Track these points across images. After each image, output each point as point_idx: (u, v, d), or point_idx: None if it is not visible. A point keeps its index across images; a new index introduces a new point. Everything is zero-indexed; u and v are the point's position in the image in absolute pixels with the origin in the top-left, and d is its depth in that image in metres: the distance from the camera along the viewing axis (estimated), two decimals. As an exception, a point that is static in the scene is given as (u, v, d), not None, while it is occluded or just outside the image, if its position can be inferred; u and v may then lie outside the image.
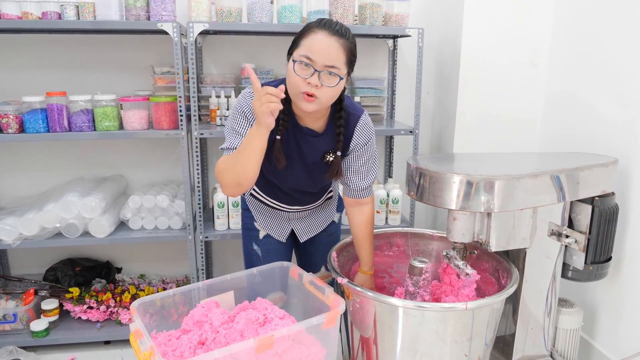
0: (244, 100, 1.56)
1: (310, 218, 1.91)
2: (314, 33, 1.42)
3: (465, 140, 2.56)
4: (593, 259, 1.80)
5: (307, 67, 1.42)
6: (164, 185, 2.67)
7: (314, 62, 1.41)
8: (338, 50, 1.42)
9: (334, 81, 1.44)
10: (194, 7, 2.23)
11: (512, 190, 1.54)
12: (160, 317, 1.52)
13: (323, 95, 1.44)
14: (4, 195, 2.66)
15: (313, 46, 1.41)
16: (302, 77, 1.42)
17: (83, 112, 2.24)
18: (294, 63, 1.43)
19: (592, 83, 2.16)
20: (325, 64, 1.41)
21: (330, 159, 1.63)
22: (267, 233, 1.89)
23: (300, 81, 1.42)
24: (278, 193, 1.78)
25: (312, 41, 1.41)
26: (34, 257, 2.74)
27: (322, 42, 1.41)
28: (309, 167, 1.65)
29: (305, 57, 1.41)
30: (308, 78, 1.41)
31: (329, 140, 1.62)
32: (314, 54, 1.40)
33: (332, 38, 1.41)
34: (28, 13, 2.14)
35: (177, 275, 2.88)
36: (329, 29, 1.42)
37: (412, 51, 2.72)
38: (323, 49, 1.40)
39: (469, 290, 1.70)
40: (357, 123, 1.63)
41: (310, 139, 1.61)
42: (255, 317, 1.38)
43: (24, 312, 2.37)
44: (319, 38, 1.41)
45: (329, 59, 1.41)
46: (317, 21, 1.45)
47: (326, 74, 1.42)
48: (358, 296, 1.57)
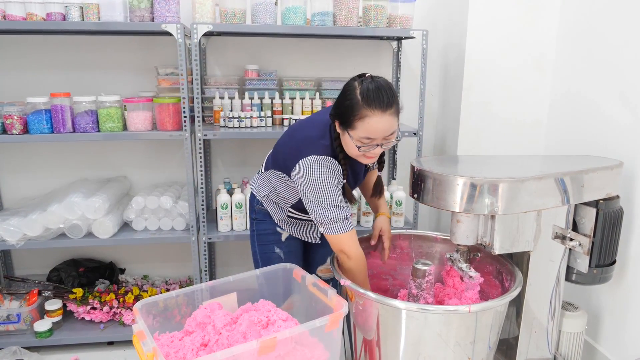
0: (333, 173, 1.60)
1: None
2: (368, 117, 1.49)
3: (469, 143, 2.56)
4: (597, 262, 1.80)
5: (368, 145, 1.54)
6: (167, 186, 2.68)
7: (374, 140, 1.53)
8: (392, 121, 1.52)
9: (393, 143, 1.58)
10: (198, 8, 2.23)
11: (516, 193, 1.54)
12: (163, 318, 1.52)
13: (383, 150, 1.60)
14: (8, 196, 2.67)
15: (370, 129, 1.50)
16: (364, 153, 1.56)
17: (87, 113, 2.24)
18: (357, 147, 1.54)
19: (598, 86, 2.15)
20: (385, 137, 1.54)
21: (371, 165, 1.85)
22: (287, 236, 1.90)
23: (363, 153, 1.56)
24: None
25: (368, 125, 1.49)
26: (37, 257, 2.75)
27: (378, 123, 1.50)
28: (360, 178, 1.83)
29: (366, 138, 1.52)
30: (371, 151, 1.56)
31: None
32: (373, 134, 1.51)
33: (386, 114, 1.50)
34: (32, 14, 2.15)
35: (180, 277, 2.88)
36: (380, 107, 1.49)
37: (416, 53, 2.72)
38: (380, 128, 1.51)
39: (472, 293, 1.69)
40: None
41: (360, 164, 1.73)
42: (258, 319, 1.38)
43: (27, 313, 2.37)
44: (374, 121, 1.49)
45: (387, 132, 1.53)
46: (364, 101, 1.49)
47: (386, 142, 1.56)
48: (361, 298, 1.57)
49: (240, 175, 2.77)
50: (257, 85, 2.57)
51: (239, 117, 2.39)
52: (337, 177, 1.60)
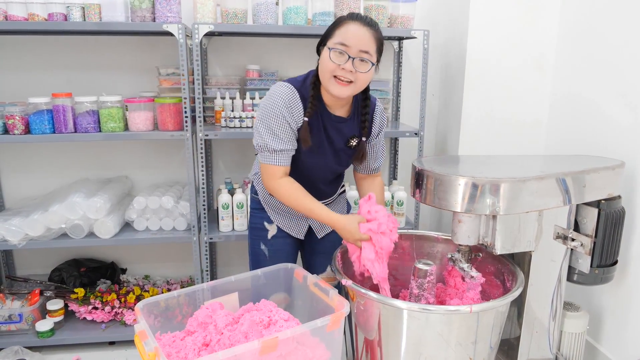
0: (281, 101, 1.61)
1: None
2: (347, 24, 1.55)
3: (470, 143, 2.55)
4: (599, 263, 1.79)
5: (342, 55, 1.54)
6: (168, 186, 2.68)
7: (348, 48, 1.53)
8: (370, 38, 1.55)
9: (366, 67, 1.56)
10: (199, 8, 2.23)
11: (517, 193, 1.54)
12: (164, 318, 1.52)
13: (357, 80, 1.57)
14: (10, 196, 2.67)
15: (348, 34, 1.54)
16: (336, 64, 1.54)
17: (88, 113, 2.25)
18: (330, 51, 1.55)
19: (598, 86, 2.15)
20: (360, 49, 1.53)
21: (353, 144, 1.75)
22: (275, 233, 1.89)
23: (335, 66, 1.55)
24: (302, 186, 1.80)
25: (346, 30, 1.54)
26: (39, 257, 2.75)
27: (357, 30, 1.54)
28: (337, 151, 1.76)
29: (341, 44, 1.54)
30: (343, 64, 1.54)
31: (354, 126, 1.75)
32: (348, 40, 1.53)
33: (365, 28, 1.55)
34: (34, 15, 2.16)
35: (181, 277, 2.89)
36: (362, 20, 1.56)
37: (417, 53, 2.71)
38: (357, 36, 1.53)
39: (473, 293, 1.69)
40: (374, 109, 1.79)
41: (337, 124, 1.72)
42: (260, 318, 1.38)
43: (29, 313, 2.38)
44: (353, 27, 1.54)
45: (363, 44, 1.54)
46: (349, 14, 1.58)
47: (359, 61, 1.55)
48: (362, 298, 1.57)
49: (241, 175, 2.77)
50: (258, 85, 2.57)
51: (240, 117, 2.40)
52: (287, 105, 1.61)
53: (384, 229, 1.61)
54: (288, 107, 1.61)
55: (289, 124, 1.62)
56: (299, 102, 1.63)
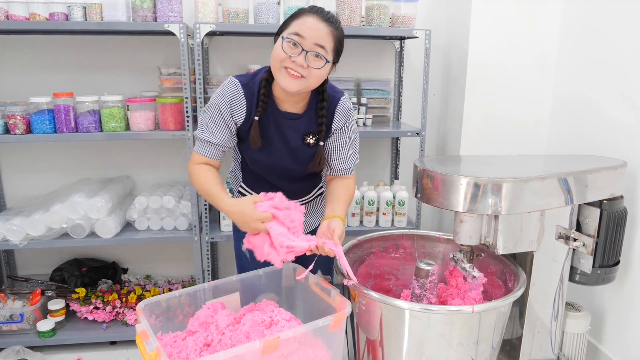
0: (222, 96, 1.57)
1: None
2: (305, 16, 1.47)
3: (471, 143, 2.55)
4: (601, 263, 1.79)
5: (295, 47, 1.46)
6: (170, 186, 2.68)
7: (303, 39, 1.45)
8: (327, 35, 1.47)
9: (320, 63, 1.48)
10: (200, 8, 2.23)
11: (519, 193, 1.53)
12: (165, 318, 1.52)
13: (310, 76, 1.48)
14: (11, 196, 2.67)
15: (304, 26, 1.45)
16: (287, 55, 1.46)
17: (90, 112, 2.24)
18: (283, 40, 1.47)
19: (601, 85, 2.14)
20: (315, 42, 1.45)
21: (310, 142, 1.64)
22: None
23: (285, 57, 1.46)
24: (265, 188, 1.73)
25: (303, 22, 1.46)
26: (40, 257, 2.75)
27: (313, 23, 1.46)
28: (293, 151, 1.65)
29: (295, 34, 1.45)
30: (295, 57, 1.46)
31: (309, 123, 1.64)
32: (304, 32, 1.45)
33: (323, 23, 1.47)
34: (35, 14, 2.15)
35: (182, 276, 2.89)
36: (321, 14, 1.48)
37: (419, 53, 2.71)
38: (314, 29, 1.45)
39: (475, 293, 1.69)
40: (336, 106, 1.65)
41: (290, 122, 1.63)
42: (262, 319, 1.38)
43: (30, 312, 2.38)
44: (310, 20, 1.46)
45: (319, 38, 1.45)
46: (309, 7, 1.51)
47: (313, 56, 1.46)
48: (364, 298, 1.57)
49: (243, 175, 2.77)
50: (260, 85, 2.56)
51: (242, 117, 2.39)
52: (228, 102, 1.56)
53: (287, 204, 1.52)
54: (228, 104, 1.56)
55: (225, 120, 1.58)
56: (242, 99, 1.57)
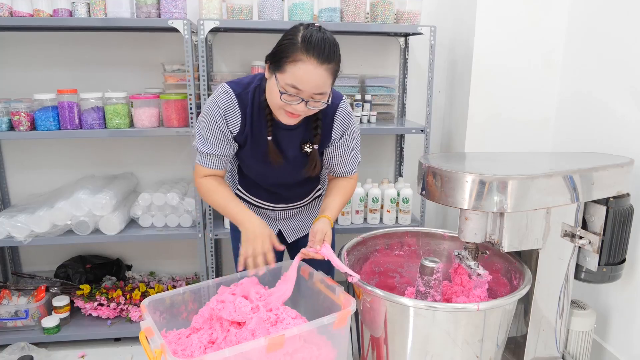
0: (216, 106, 1.52)
1: (297, 218, 1.86)
2: (301, 62, 1.34)
3: (476, 140, 2.54)
4: (607, 261, 1.78)
5: (293, 97, 1.38)
6: (174, 183, 2.68)
7: (301, 92, 1.37)
8: (326, 78, 1.38)
9: (319, 105, 1.44)
10: (204, 4, 2.22)
11: (525, 191, 1.52)
12: (170, 314, 1.52)
13: (308, 113, 1.46)
14: (16, 193, 2.68)
15: (301, 77, 1.35)
16: (287, 103, 1.40)
17: (94, 109, 2.24)
18: (280, 94, 1.38)
19: (607, 83, 2.13)
20: (313, 93, 1.38)
21: (308, 150, 1.60)
22: None
23: (284, 104, 1.41)
24: (262, 192, 1.75)
25: (299, 71, 1.34)
26: (45, 254, 2.76)
27: (311, 73, 1.35)
28: (290, 161, 1.62)
29: (292, 86, 1.37)
30: (294, 105, 1.40)
31: (307, 131, 1.59)
32: (302, 85, 1.36)
33: (321, 68, 1.35)
34: (39, 11, 2.15)
35: (186, 273, 2.89)
36: (318, 56, 1.34)
37: (423, 49, 2.70)
38: (311, 80, 1.36)
39: (480, 291, 1.68)
40: (335, 113, 1.59)
41: (288, 132, 1.57)
42: (267, 316, 1.37)
43: (35, 309, 2.38)
44: (307, 69, 1.34)
45: (317, 88, 1.38)
46: (303, 44, 1.34)
47: (312, 102, 1.41)
48: (369, 296, 1.56)
49: (247, 172, 2.77)
50: (264, 82, 2.56)
51: (246, 114, 2.38)
52: (223, 114, 1.50)
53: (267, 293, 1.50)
54: (223, 115, 1.51)
55: (222, 131, 1.53)
56: (237, 110, 1.52)
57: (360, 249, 1.90)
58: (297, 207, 1.83)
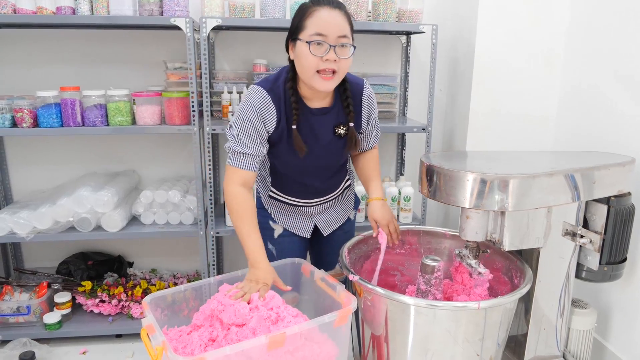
0: (251, 107, 1.56)
1: (331, 210, 1.90)
2: (317, 11, 1.46)
3: (478, 138, 2.54)
4: (608, 260, 1.78)
5: (321, 45, 1.46)
6: (175, 180, 2.68)
7: (326, 37, 1.45)
8: (343, 21, 1.49)
9: (348, 52, 1.50)
10: (207, 2, 2.22)
11: (526, 189, 1.52)
12: (171, 311, 1.52)
13: (341, 68, 1.51)
14: (18, 189, 2.69)
15: (322, 22, 1.45)
16: (318, 57, 1.46)
17: (96, 107, 2.25)
18: (309, 45, 1.46)
19: (608, 81, 2.12)
20: (338, 35, 1.46)
21: (342, 132, 1.67)
22: (281, 232, 1.86)
23: (317, 61, 1.47)
24: (296, 189, 1.78)
25: (318, 19, 1.45)
26: (47, 250, 2.77)
27: (329, 16, 1.45)
28: (325, 146, 1.67)
29: (317, 34, 1.45)
30: (325, 55, 1.46)
31: (338, 114, 1.67)
32: (325, 29, 1.44)
33: (336, 11, 1.47)
34: (42, 8, 2.16)
35: (188, 271, 2.89)
36: (329, 4, 1.47)
37: (425, 48, 2.70)
38: (332, 22, 1.45)
39: (481, 289, 1.68)
40: (362, 94, 1.70)
41: (322, 117, 1.64)
42: (268, 314, 1.38)
43: (37, 305, 2.39)
44: (324, 13, 1.45)
45: (340, 30, 1.47)
46: (313, 2, 1.49)
47: (340, 47, 1.48)
48: (369, 294, 1.56)
49: (248, 169, 2.77)
50: (266, 80, 2.56)
51: (248, 112, 2.39)
52: (258, 112, 1.55)
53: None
54: (258, 113, 1.55)
55: (258, 131, 1.56)
56: (272, 106, 1.56)
57: (362, 247, 1.90)
58: (330, 200, 1.85)
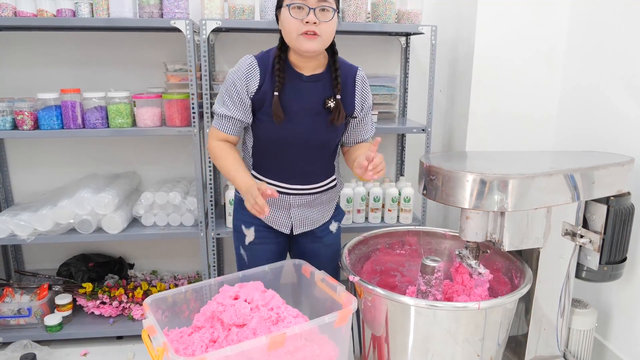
0: (237, 71, 1.66)
1: (309, 208, 1.80)
2: None
3: (478, 139, 2.54)
4: (608, 260, 1.78)
5: (301, 9, 1.52)
6: (176, 182, 2.68)
7: (306, 1, 1.51)
8: None
9: (329, 15, 1.54)
10: (206, 4, 2.23)
11: (526, 190, 1.53)
12: (172, 313, 1.53)
13: (323, 31, 1.54)
14: (19, 191, 2.69)
15: None
16: (299, 19, 1.52)
17: (97, 109, 2.25)
18: (288, 8, 1.52)
19: (609, 80, 2.13)
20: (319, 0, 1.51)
21: (331, 105, 1.68)
22: (252, 240, 1.81)
23: (298, 23, 1.53)
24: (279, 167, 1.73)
25: None
26: (48, 252, 2.77)
27: None
28: (314, 116, 1.68)
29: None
30: (305, 18, 1.52)
31: (329, 84, 1.69)
32: None
33: None
34: (43, 11, 2.16)
35: (188, 272, 2.90)
36: None
37: (425, 48, 2.70)
38: None
39: (481, 289, 1.69)
40: (356, 74, 1.73)
41: (312, 85, 1.67)
42: (268, 315, 1.38)
43: (38, 307, 2.39)
44: None
45: None
46: None
47: (320, 11, 1.53)
48: (370, 294, 1.57)
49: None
50: (266, 81, 2.56)
51: (248, 113, 2.39)
52: (243, 76, 1.64)
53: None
54: (243, 78, 1.64)
55: (240, 95, 1.64)
56: (256, 69, 1.64)
57: (362, 248, 1.91)
58: (311, 193, 1.77)
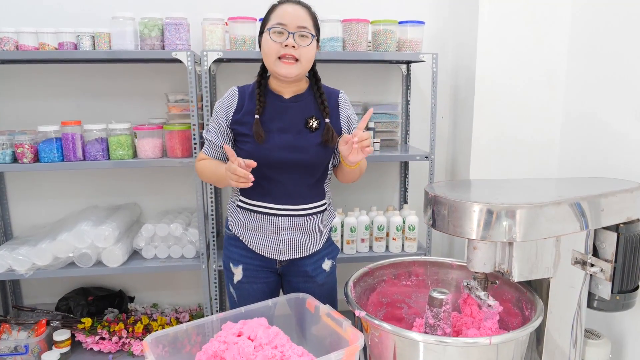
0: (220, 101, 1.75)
1: (299, 233, 1.76)
2: (280, 6, 1.63)
3: (481, 165, 2.52)
4: (620, 289, 1.73)
5: (281, 34, 1.60)
6: (177, 212, 2.66)
7: (286, 25, 1.59)
8: (305, 14, 1.63)
9: (307, 41, 1.62)
10: (208, 36, 2.24)
11: (534, 219, 1.50)
12: (173, 348, 1.48)
13: (302, 56, 1.61)
14: (18, 224, 2.66)
15: (282, 14, 1.61)
16: (278, 42, 1.59)
17: (97, 140, 2.24)
18: (269, 32, 1.60)
19: (612, 104, 2.11)
20: (298, 25, 1.60)
21: (313, 124, 1.71)
22: (240, 279, 1.79)
23: (277, 46, 1.60)
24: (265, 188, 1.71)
25: (281, 11, 1.62)
26: (46, 286, 2.73)
27: (290, 8, 1.62)
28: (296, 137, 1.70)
29: (278, 23, 1.60)
30: (284, 41, 1.59)
31: (312, 104, 1.74)
32: (285, 19, 1.59)
33: (298, 6, 1.64)
34: (45, 44, 2.17)
35: (190, 304, 2.84)
36: (294, 1, 1.65)
37: (426, 76, 2.71)
38: (292, 13, 1.61)
39: (491, 322, 1.64)
40: (338, 96, 1.80)
41: (294, 105, 1.72)
42: (272, 354, 1.34)
43: (35, 344, 2.34)
44: (286, 7, 1.62)
45: (299, 20, 1.60)
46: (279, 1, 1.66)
47: (299, 36, 1.60)
48: (377, 330, 1.52)
49: (251, 200, 2.75)
50: (267, 111, 2.56)
51: (249, 143, 2.38)
52: (224, 106, 1.72)
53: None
54: (223, 107, 1.72)
55: (219, 122, 1.72)
56: (235, 99, 1.72)
57: (367, 280, 1.86)
58: (301, 216, 1.74)
